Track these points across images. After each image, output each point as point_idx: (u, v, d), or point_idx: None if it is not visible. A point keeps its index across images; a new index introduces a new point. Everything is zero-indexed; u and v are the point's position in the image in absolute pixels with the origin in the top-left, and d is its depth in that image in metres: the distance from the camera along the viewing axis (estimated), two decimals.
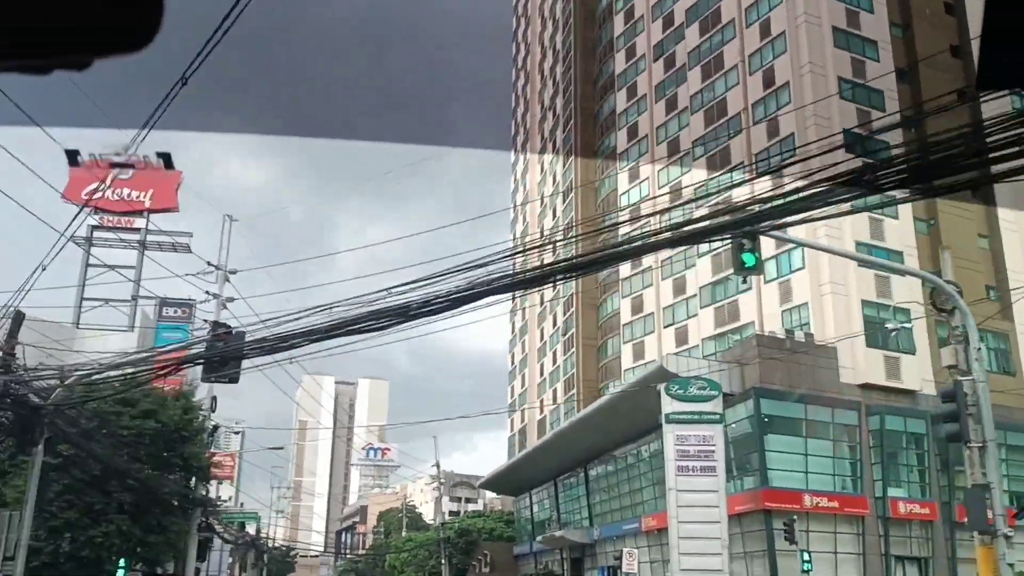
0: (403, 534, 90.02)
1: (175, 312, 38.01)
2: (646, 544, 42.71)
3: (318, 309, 10.30)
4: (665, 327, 46.71)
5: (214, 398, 33.13)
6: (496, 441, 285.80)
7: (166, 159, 31.10)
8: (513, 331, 74.10)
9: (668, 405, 32.71)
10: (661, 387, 33.15)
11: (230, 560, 55.00)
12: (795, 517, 29.86)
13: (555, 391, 61.28)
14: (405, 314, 9.36)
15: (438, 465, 68.72)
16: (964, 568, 33.28)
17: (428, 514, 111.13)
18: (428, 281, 9.16)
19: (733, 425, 34.13)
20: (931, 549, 35.19)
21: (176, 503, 29.50)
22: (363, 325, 9.75)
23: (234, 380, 18.75)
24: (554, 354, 61.83)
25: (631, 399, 39.78)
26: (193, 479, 30.59)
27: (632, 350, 49.99)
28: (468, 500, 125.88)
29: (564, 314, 59.39)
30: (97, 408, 21.21)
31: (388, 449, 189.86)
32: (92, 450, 20.16)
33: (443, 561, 65.89)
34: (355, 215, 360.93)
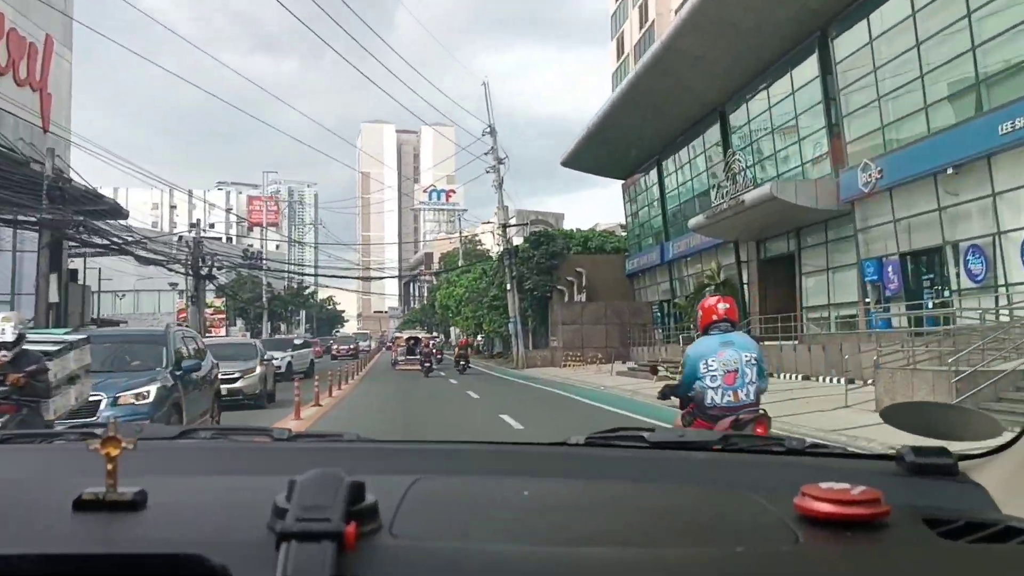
0: (459, 263, 62.99)
1: None
2: None
3: None
4: None
5: None
6: (584, 202, 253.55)
7: None
8: None
9: None
10: None
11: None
12: None
13: None
14: None
15: (492, 130, 38.73)
16: None
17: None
18: None
19: None
20: None
21: None
22: None
23: None
24: None
25: None
26: None
27: None
28: None
29: None
30: None
31: (452, 191, 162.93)
32: None
33: (508, 286, 37.94)
34: None
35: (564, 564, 0.80)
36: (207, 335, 44.70)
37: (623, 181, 39.22)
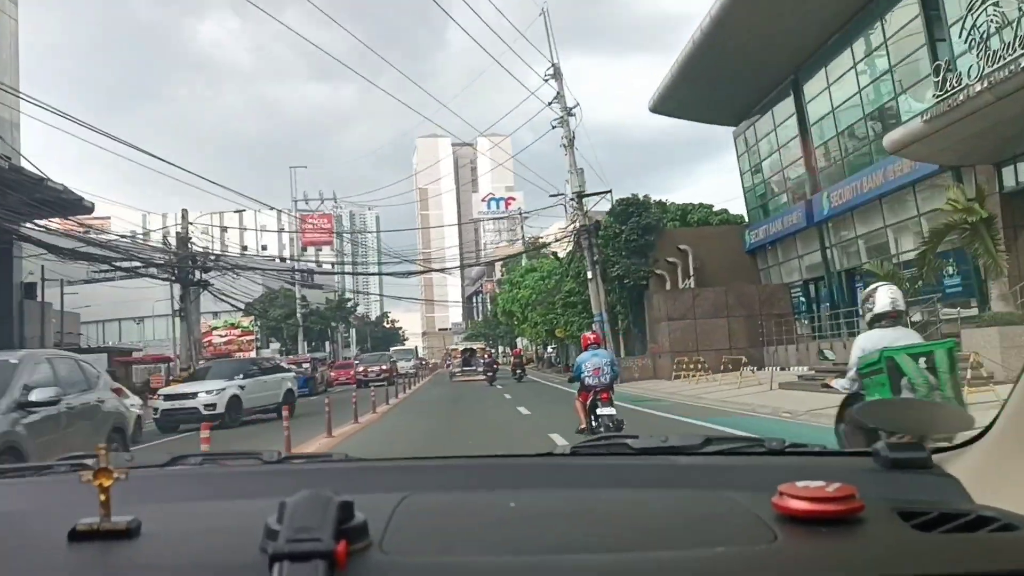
0: (523, 263, 53.70)
1: None
2: None
3: None
4: None
5: None
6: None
7: None
8: None
9: None
10: None
11: None
12: None
13: None
14: None
15: (557, 71, 29.48)
16: None
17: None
18: None
19: None
20: None
21: None
22: None
23: None
24: None
25: None
26: None
27: None
28: None
29: None
30: None
31: (512, 198, 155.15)
32: None
33: (590, 274, 28.43)
34: None
35: (548, 572, 0.81)
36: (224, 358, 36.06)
37: (733, 128, 29.39)
